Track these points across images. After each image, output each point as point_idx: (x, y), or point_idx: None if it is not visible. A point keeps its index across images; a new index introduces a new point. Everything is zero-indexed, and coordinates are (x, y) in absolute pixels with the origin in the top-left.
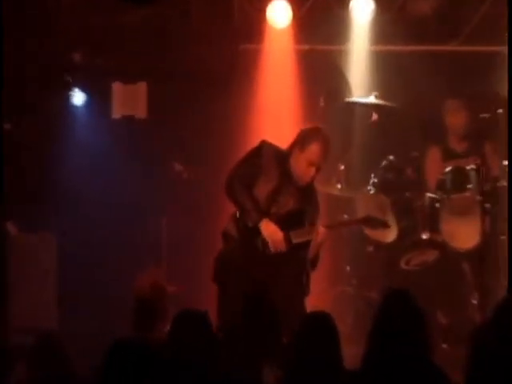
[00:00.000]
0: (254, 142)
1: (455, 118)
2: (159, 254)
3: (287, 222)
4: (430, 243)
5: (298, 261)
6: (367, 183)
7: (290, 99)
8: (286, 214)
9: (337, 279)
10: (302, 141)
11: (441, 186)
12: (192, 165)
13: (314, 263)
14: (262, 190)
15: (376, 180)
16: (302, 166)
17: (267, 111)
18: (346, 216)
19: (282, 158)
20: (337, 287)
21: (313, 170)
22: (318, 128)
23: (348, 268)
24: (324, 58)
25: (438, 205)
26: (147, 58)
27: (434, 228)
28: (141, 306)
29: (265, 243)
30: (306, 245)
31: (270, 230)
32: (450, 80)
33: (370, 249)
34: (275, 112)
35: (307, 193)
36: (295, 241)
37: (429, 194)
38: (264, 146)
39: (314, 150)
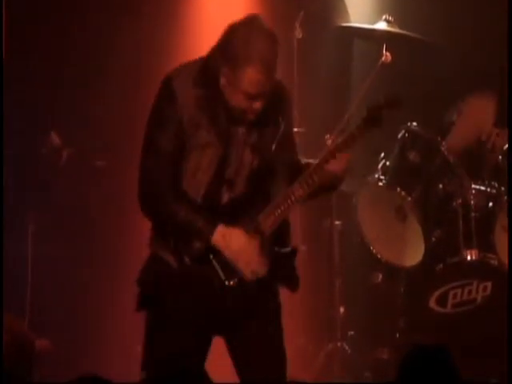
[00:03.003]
0: None
1: None
2: (21, 286)
3: (251, 209)
4: (479, 269)
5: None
6: (374, 168)
7: None
8: (249, 194)
9: (323, 330)
10: (229, 55)
11: (497, 173)
12: (78, 138)
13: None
14: (199, 171)
15: (388, 163)
16: (239, 101)
17: (207, 45)
18: (338, 223)
19: (210, 91)
20: (326, 343)
21: (258, 103)
22: (250, 23)
23: (342, 310)
24: None
25: (491, 204)
26: None
27: (484, 243)
28: None
29: (228, 269)
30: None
31: (237, 242)
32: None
33: (378, 278)
34: None
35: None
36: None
37: (477, 187)
38: (172, 81)
39: (250, 75)
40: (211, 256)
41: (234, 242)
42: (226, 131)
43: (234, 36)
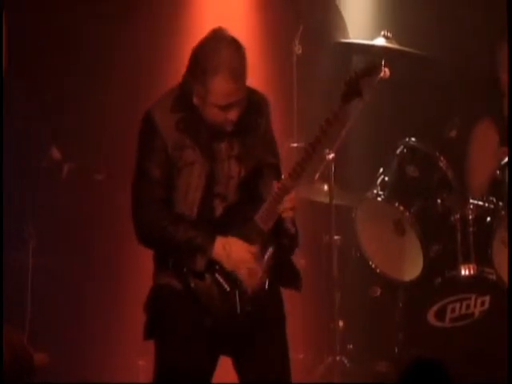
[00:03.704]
0: None
1: None
2: (21, 299)
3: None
4: (477, 284)
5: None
6: (372, 183)
7: (245, 42)
8: (242, 202)
9: (323, 343)
10: (197, 71)
11: (495, 188)
12: (79, 152)
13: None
14: (190, 190)
15: (387, 178)
16: (214, 115)
17: None
18: (337, 237)
19: (188, 113)
20: (325, 356)
21: (233, 114)
22: (213, 36)
23: (341, 324)
24: None
25: (489, 219)
26: None
27: (483, 258)
28: None
29: (231, 279)
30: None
31: (236, 251)
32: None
33: (377, 292)
34: None
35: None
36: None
37: (475, 201)
38: (152, 113)
39: (218, 85)
40: (213, 270)
41: (234, 251)
42: (209, 148)
43: (199, 51)
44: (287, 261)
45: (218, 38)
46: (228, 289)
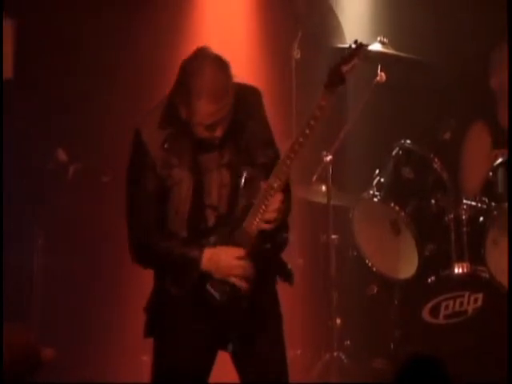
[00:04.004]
0: None
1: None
2: (29, 297)
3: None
4: (470, 282)
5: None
6: (369, 184)
7: (245, 47)
8: (234, 210)
9: (321, 339)
10: (182, 91)
11: (488, 189)
12: (85, 153)
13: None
14: (181, 206)
15: (383, 179)
16: (200, 132)
17: None
18: (334, 237)
19: (175, 128)
20: (323, 352)
21: (219, 131)
22: (197, 56)
23: (338, 321)
24: None
25: (482, 219)
26: None
27: (475, 257)
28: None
29: (222, 288)
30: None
31: (225, 260)
32: (502, 19)
33: (373, 290)
34: None
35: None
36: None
37: (468, 202)
38: (140, 132)
39: (202, 108)
40: (206, 281)
41: (223, 260)
42: (197, 162)
43: (184, 72)
44: (276, 258)
45: (202, 59)
46: (219, 298)
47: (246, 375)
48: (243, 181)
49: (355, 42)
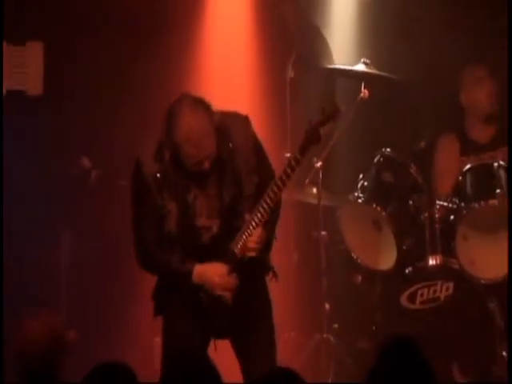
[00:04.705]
0: None
1: (476, 92)
2: (56, 288)
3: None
4: (443, 272)
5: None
6: (354, 187)
7: (245, 68)
8: (226, 229)
9: (312, 323)
10: (167, 135)
11: (458, 191)
12: (106, 160)
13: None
14: (176, 229)
15: (366, 183)
16: (189, 166)
17: (212, 84)
18: (324, 233)
19: (164, 163)
20: (313, 334)
21: (206, 164)
22: (179, 103)
23: (327, 306)
24: (294, 9)
25: (453, 217)
26: (45, 2)
27: (447, 250)
28: (29, 362)
29: (210, 296)
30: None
31: (214, 275)
32: (472, 43)
33: (358, 279)
34: (224, 85)
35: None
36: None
37: (441, 203)
38: (142, 167)
39: (186, 150)
40: (198, 289)
41: (208, 277)
42: (186, 191)
43: (167, 118)
44: (261, 262)
45: (182, 104)
46: (206, 304)
47: (244, 359)
48: (230, 205)
49: (333, 107)
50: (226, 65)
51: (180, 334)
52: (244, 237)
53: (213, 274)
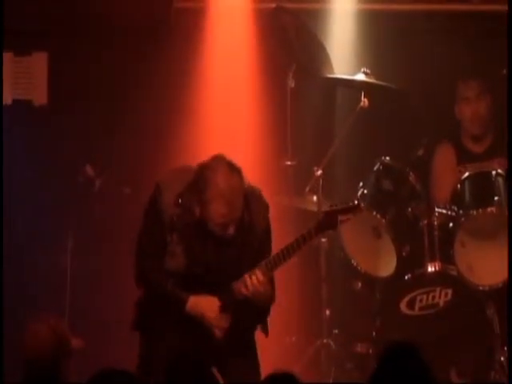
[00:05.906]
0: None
1: (464, 112)
2: (61, 293)
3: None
4: (441, 278)
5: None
6: (354, 195)
7: (245, 78)
8: (222, 270)
9: (313, 328)
10: (198, 193)
11: (456, 199)
12: (109, 169)
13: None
14: (174, 266)
15: (366, 191)
16: (213, 227)
17: (214, 96)
18: (324, 240)
19: (186, 214)
20: (314, 339)
21: (231, 229)
22: (215, 164)
23: (328, 312)
24: (294, 20)
25: (451, 224)
26: (49, 14)
27: (446, 257)
28: (34, 368)
29: (202, 328)
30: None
31: (208, 309)
32: (468, 56)
33: (358, 286)
34: (225, 96)
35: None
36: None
37: (439, 210)
38: (161, 195)
39: (215, 210)
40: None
41: (200, 309)
42: (201, 246)
43: (199, 178)
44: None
45: (216, 166)
46: (197, 333)
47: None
48: (230, 256)
49: (356, 203)
50: (228, 75)
51: (161, 355)
52: (244, 288)
53: (205, 307)
